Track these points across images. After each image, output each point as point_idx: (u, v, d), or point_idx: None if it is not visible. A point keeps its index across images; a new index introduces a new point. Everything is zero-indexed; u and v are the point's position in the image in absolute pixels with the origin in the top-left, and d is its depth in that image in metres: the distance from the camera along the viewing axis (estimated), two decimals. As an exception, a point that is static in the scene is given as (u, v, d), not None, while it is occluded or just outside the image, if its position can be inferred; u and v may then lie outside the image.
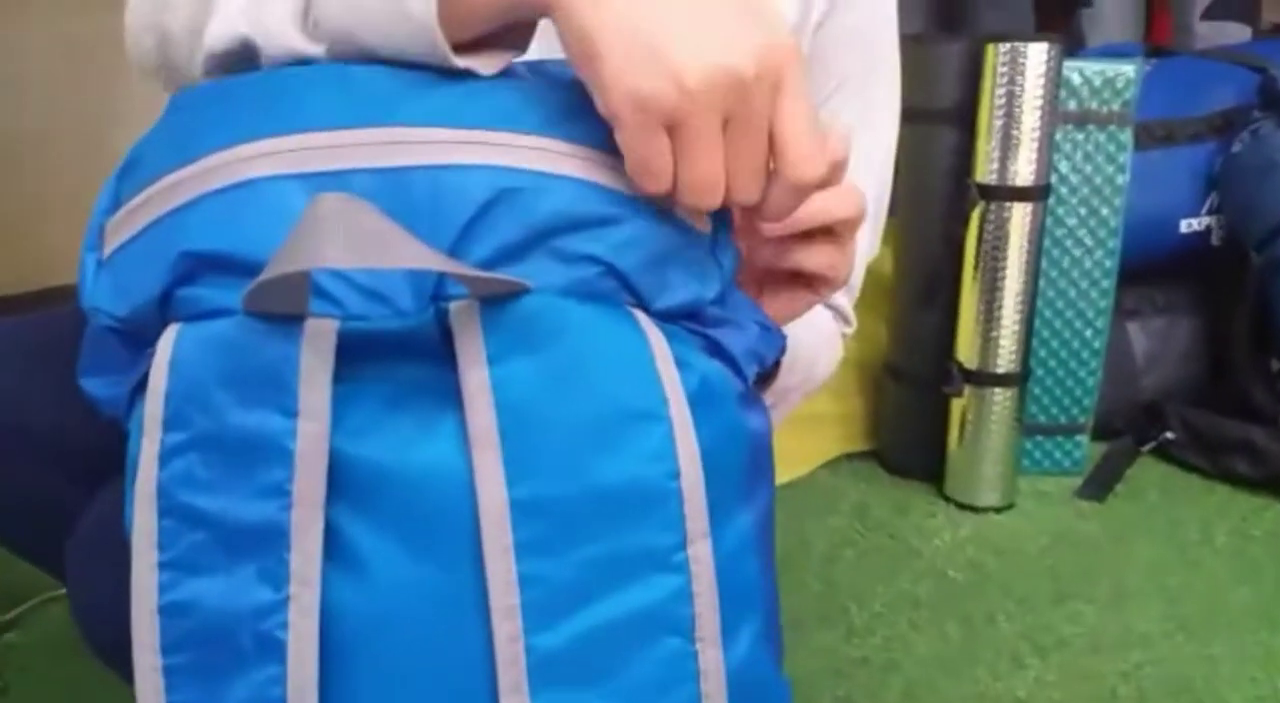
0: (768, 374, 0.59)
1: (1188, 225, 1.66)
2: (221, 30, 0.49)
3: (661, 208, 0.44)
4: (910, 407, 1.62)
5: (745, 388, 0.47)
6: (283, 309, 0.41)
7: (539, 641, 0.41)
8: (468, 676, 0.41)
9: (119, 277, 0.44)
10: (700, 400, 0.43)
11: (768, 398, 0.61)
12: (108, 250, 0.45)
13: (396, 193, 0.42)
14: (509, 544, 0.40)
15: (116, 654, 0.65)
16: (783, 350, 0.50)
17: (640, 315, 0.43)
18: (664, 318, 0.44)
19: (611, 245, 0.43)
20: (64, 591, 0.66)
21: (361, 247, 0.38)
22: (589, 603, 0.41)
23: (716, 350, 0.46)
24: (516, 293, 0.41)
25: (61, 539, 0.65)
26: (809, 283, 0.53)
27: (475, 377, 0.41)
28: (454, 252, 0.42)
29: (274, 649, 0.41)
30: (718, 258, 0.46)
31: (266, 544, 0.41)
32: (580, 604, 0.41)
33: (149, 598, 0.41)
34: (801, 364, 0.70)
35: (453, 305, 0.42)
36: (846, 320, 0.82)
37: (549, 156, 0.43)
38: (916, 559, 1.38)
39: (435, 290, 0.43)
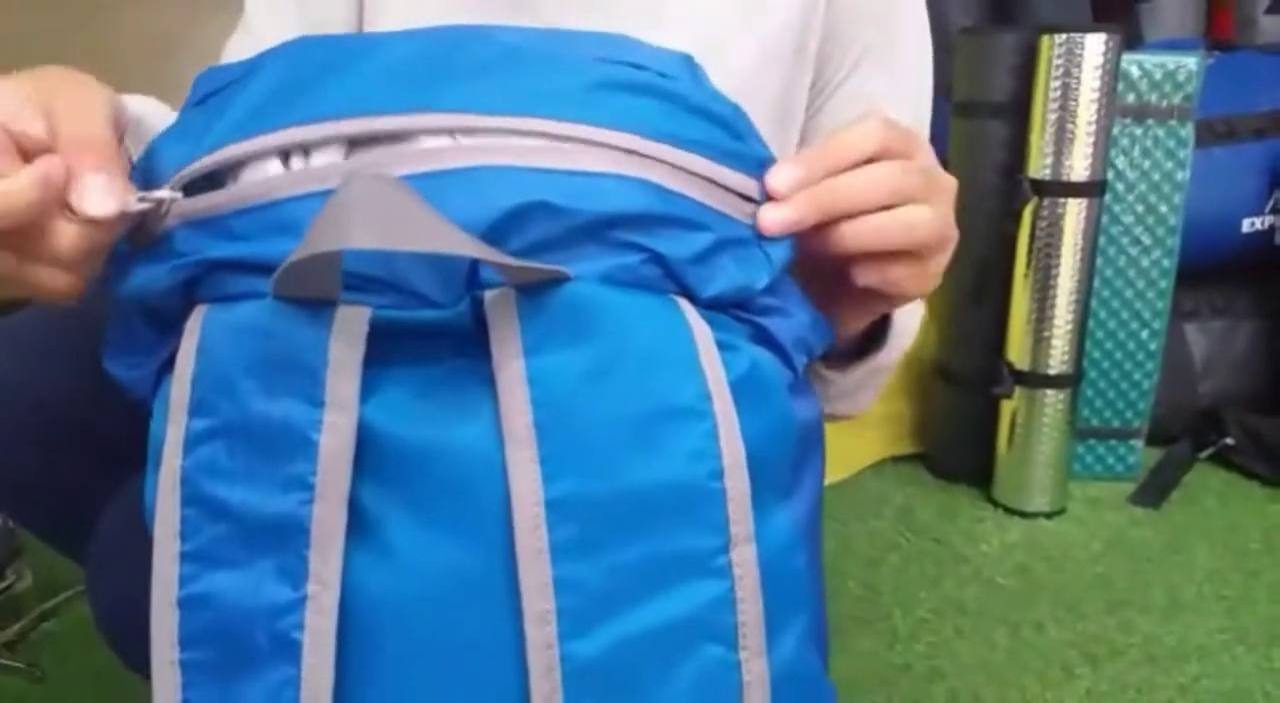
0: (865, 351, 0.60)
1: (1250, 224, 1.62)
2: None
3: (705, 197, 0.42)
4: (958, 408, 1.59)
5: (795, 377, 0.45)
6: (313, 294, 0.39)
7: (574, 648, 0.39)
8: (497, 676, 0.39)
9: (142, 262, 0.43)
10: (747, 389, 0.41)
11: (865, 376, 0.62)
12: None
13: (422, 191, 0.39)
14: (544, 547, 0.38)
15: (135, 651, 0.64)
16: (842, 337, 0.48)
17: (685, 305, 0.41)
18: (710, 307, 0.42)
19: (656, 233, 0.41)
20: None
21: (391, 229, 0.36)
22: (627, 609, 0.39)
23: (764, 338, 0.44)
24: (555, 281, 0.39)
25: (88, 529, 0.64)
26: (886, 296, 0.51)
27: (511, 369, 0.39)
28: (486, 241, 0.40)
29: (289, 650, 0.39)
30: (765, 250, 0.44)
31: (286, 540, 0.39)
32: (618, 611, 0.39)
33: (169, 590, 0.40)
34: (904, 340, 0.68)
35: (488, 294, 0.40)
36: None
37: (589, 152, 0.41)
38: (963, 565, 1.35)
39: (470, 278, 0.41)
